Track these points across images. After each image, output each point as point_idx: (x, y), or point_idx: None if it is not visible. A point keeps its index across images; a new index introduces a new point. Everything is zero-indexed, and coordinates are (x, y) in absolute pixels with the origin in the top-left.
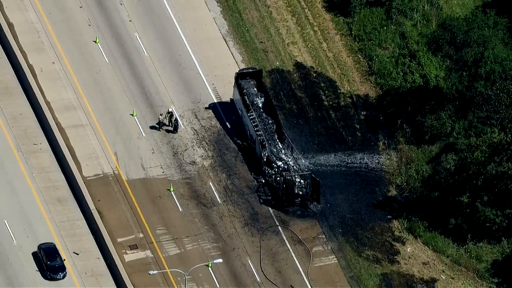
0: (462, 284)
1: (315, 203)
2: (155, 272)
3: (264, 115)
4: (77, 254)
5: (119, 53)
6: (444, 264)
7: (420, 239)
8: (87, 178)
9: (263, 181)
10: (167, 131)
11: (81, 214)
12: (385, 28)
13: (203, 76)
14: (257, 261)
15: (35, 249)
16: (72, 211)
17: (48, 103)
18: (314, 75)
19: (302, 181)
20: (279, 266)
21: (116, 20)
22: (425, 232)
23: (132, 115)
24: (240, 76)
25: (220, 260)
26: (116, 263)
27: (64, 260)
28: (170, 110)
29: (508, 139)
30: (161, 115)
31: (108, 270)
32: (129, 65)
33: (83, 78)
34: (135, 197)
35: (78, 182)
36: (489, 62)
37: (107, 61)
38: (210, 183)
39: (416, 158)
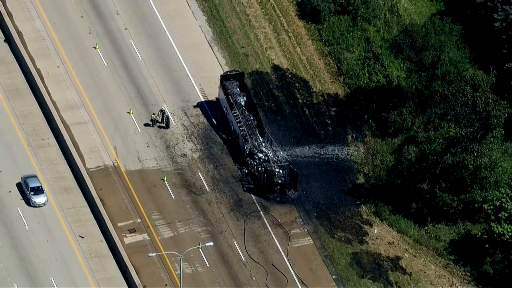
0: (423, 261)
1: (292, 191)
2: (153, 254)
3: (246, 112)
4: (82, 237)
5: (116, 58)
6: (407, 243)
7: (385, 222)
8: (90, 170)
9: (246, 171)
10: (160, 127)
11: (85, 201)
12: (351, 33)
13: (191, 77)
14: (242, 242)
15: (44, 232)
16: (77, 199)
17: (54, 103)
18: (290, 76)
19: (280, 171)
20: (261, 247)
21: (113, 28)
22: (390, 216)
23: (128, 113)
24: (224, 78)
25: (211, 244)
26: (117, 245)
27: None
28: (162, 108)
29: (462, 133)
30: (153, 114)
31: (110, 252)
32: (125, 68)
33: (84, 80)
34: (133, 186)
35: (82, 173)
36: (445, 64)
37: (105, 65)
38: (199, 173)
39: (381, 150)
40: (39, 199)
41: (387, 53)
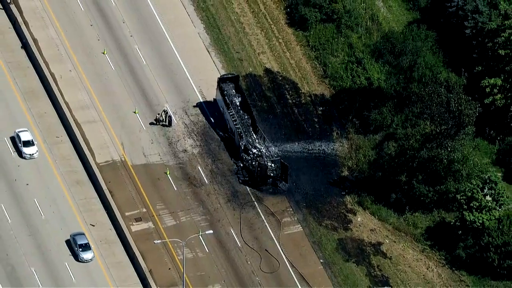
0: (402, 247)
1: (283, 183)
2: (158, 242)
3: (241, 111)
4: (93, 226)
5: (122, 62)
6: (387, 230)
7: (368, 211)
8: (100, 164)
9: (241, 165)
10: (163, 125)
11: (95, 193)
12: (336, 40)
13: (191, 80)
14: (238, 230)
15: (58, 221)
16: (88, 191)
17: (67, 104)
18: (280, 78)
19: (273, 165)
20: (256, 234)
21: (119, 36)
22: (371, 205)
23: (134, 112)
24: (221, 80)
25: (211, 231)
26: (125, 232)
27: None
28: (165, 108)
29: (437, 130)
30: (158, 114)
31: (118, 238)
32: (131, 72)
33: (94, 83)
34: (139, 179)
35: (93, 167)
36: (421, 68)
37: (113, 69)
38: (199, 167)
39: (363, 145)
40: (86, 255)
41: (369, 58)
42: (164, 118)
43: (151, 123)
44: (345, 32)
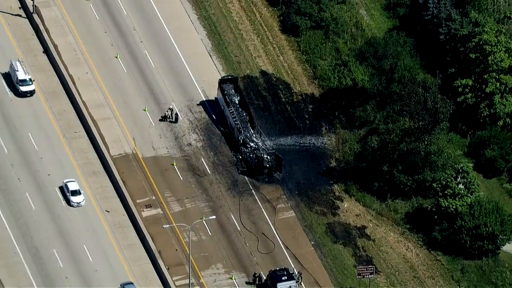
0: (384, 230)
1: (278, 173)
2: (167, 226)
3: (239, 109)
4: (108, 212)
5: (133, 65)
6: (371, 215)
7: (353, 198)
8: (114, 156)
9: (240, 157)
10: (170, 122)
11: (110, 182)
12: (324, 45)
13: (194, 81)
14: (237, 215)
15: (79, 208)
16: (103, 181)
17: (84, 102)
18: (274, 79)
19: (268, 157)
20: (253, 219)
21: (131, 42)
22: (357, 192)
23: (144, 110)
24: (221, 81)
25: (214, 217)
26: (136, 218)
27: None
28: (171, 106)
29: (415, 125)
30: (166, 111)
31: (130, 223)
32: (141, 74)
33: (108, 84)
34: (148, 170)
35: (108, 159)
36: (400, 70)
37: (125, 71)
38: (202, 159)
39: (349, 139)
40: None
41: (354, 61)
42: (171, 115)
43: (160, 120)
44: (332, 38)
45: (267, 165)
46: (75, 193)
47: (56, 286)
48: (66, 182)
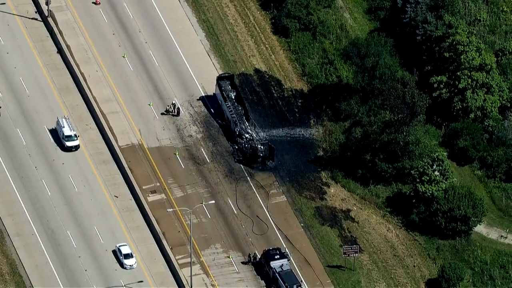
0: (367, 213)
1: (271, 161)
2: (170, 210)
3: (235, 104)
4: (117, 197)
5: (139, 64)
6: (355, 200)
7: (339, 184)
8: (122, 147)
9: (237, 147)
10: (172, 115)
11: (118, 170)
12: (312, 45)
13: (194, 78)
14: (234, 200)
15: (90, 193)
16: (112, 169)
17: (94, 98)
18: (267, 77)
19: (262, 147)
20: (249, 203)
21: (136, 43)
22: (342, 179)
23: (149, 105)
24: (219, 78)
25: (213, 201)
26: (142, 202)
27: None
28: (174, 101)
29: (395, 118)
30: (168, 106)
31: (137, 207)
32: (146, 72)
33: (116, 81)
34: (153, 159)
35: (116, 149)
36: (381, 67)
37: (131, 69)
38: (202, 149)
39: (335, 131)
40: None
41: (339, 59)
42: (173, 109)
43: (163, 113)
44: (319, 39)
45: (261, 154)
46: (128, 256)
47: (70, 265)
48: (119, 246)
